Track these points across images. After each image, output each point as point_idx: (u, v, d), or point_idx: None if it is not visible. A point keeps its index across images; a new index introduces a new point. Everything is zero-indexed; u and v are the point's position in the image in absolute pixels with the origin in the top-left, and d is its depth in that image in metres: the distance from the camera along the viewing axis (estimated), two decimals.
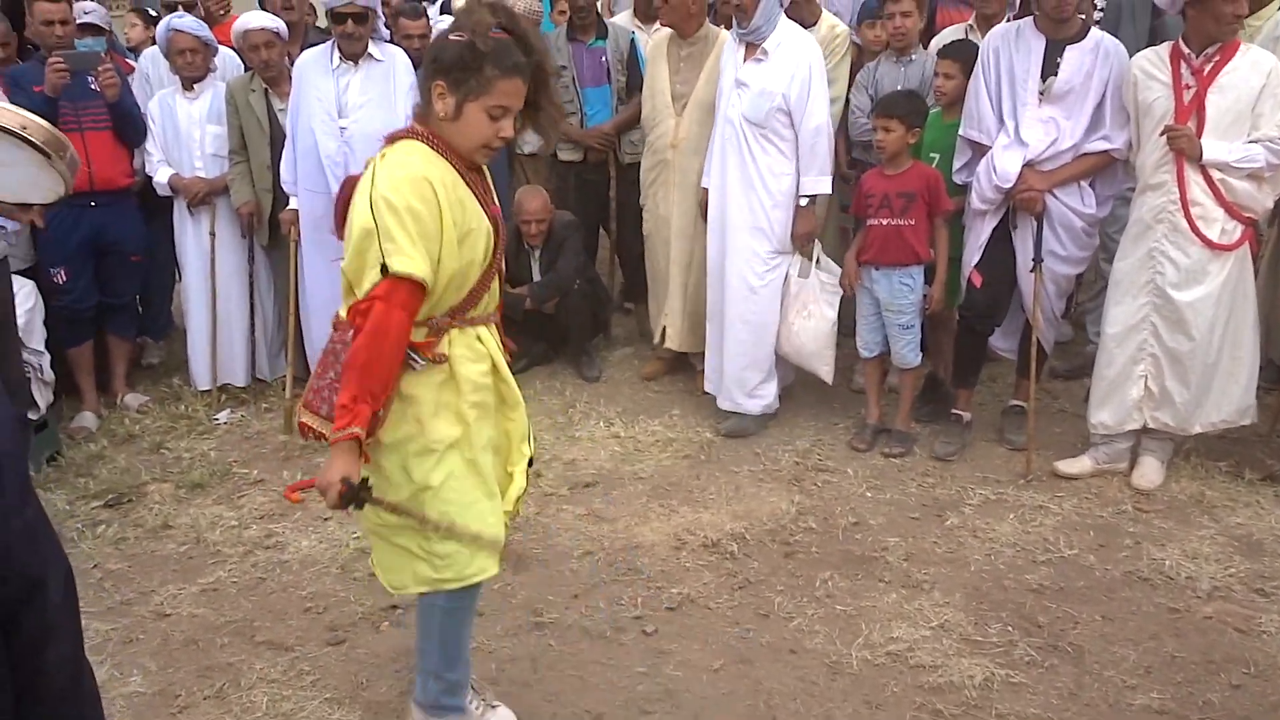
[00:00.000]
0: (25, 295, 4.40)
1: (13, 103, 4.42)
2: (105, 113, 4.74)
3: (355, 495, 2.19)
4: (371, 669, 3.04)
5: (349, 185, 2.46)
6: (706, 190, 4.59)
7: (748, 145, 4.30)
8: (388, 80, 4.55)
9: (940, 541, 3.64)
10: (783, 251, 4.43)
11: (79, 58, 4.56)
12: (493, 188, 2.45)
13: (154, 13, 5.74)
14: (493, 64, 2.17)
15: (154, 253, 5.19)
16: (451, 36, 2.22)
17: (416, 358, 2.30)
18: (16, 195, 3.39)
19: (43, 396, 4.52)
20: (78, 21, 4.87)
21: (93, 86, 4.67)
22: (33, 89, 4.48)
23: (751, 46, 4.30)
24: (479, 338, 2.41)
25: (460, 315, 2.37)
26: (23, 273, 4.51)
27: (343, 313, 2.35)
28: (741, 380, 4.50)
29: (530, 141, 5.38)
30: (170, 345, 5.77)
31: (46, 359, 4.60)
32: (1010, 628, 3.15)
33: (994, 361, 4.76)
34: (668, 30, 4.88)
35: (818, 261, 4.45)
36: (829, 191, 4.47)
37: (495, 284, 2.45)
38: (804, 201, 4.35)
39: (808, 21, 4.84)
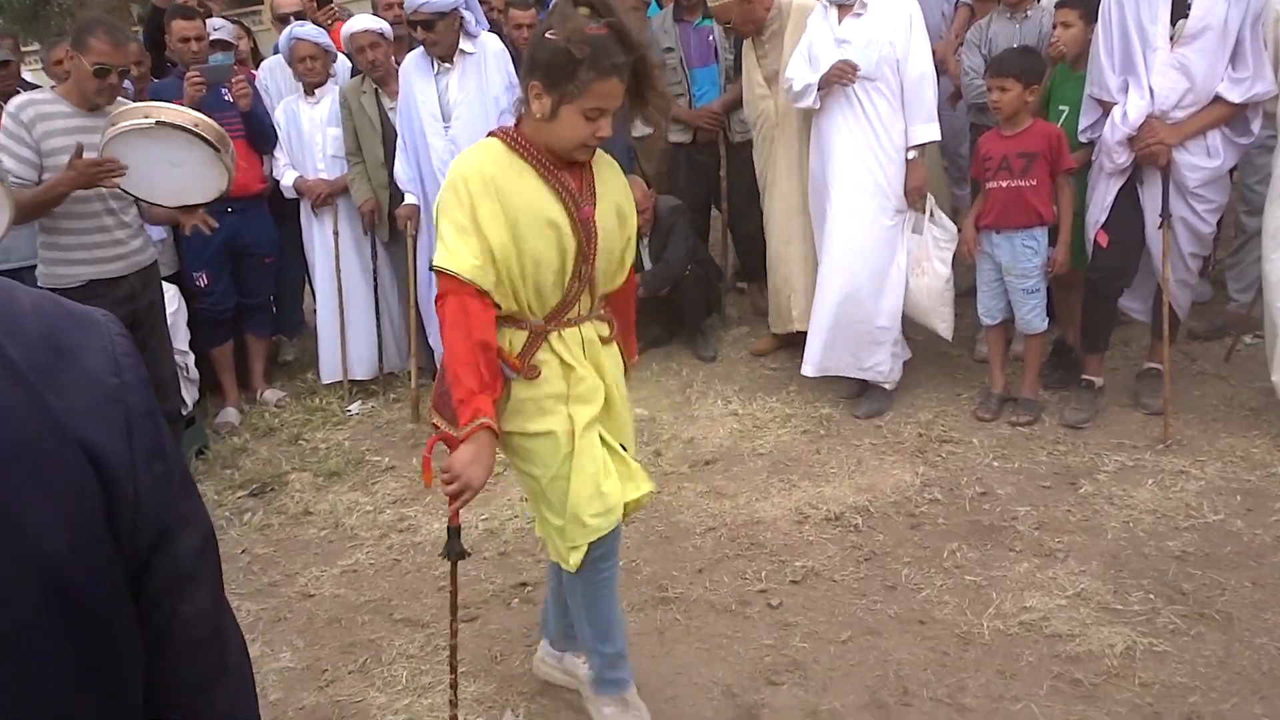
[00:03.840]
0: (170, 299, 4.66)
1: None
2: (239, 122, 4.96)
3: (455, 547, 2.27)
4: (504, 643, 3.12)
5: None
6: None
7: (859, 101, 4.18)
8: (480, 73, 4.63)
9: (1074, 510, 3.52)
10: (900, 209, 4.30)
11: (213, 71, 4.81)
12: (605, 185, 2.37)
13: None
14: (588, 67, 2.10)
15: (284, 254, 5.44)
16: (548, 35, 2.16)
17: (507, 369, 2.30)
18: (180, 197, 3.61)
19: (189, 394, 4.79)
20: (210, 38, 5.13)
21: (226, 98, 4.91)
22: (173, 103, 4.74)
23: (844, 8, 4.21)
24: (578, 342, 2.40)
25: (557, 319, 2.35)
26: (167, 278, 4.78)
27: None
28: (877, 344, 4.35)
29: (638, 127, 5.41)
30: (303, 342, 6.04)
31: (191, 358, 4.88)
32: (1152, 595, 3.03)
33: (1127, 324, 4.57)
34: None
35: (931, 215, 4.31)
36: (938, 138, 4.30)
37: (591, 287, 2.39)
38: (912, 154, 4.22)
39: None
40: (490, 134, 2.33)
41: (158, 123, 3.41)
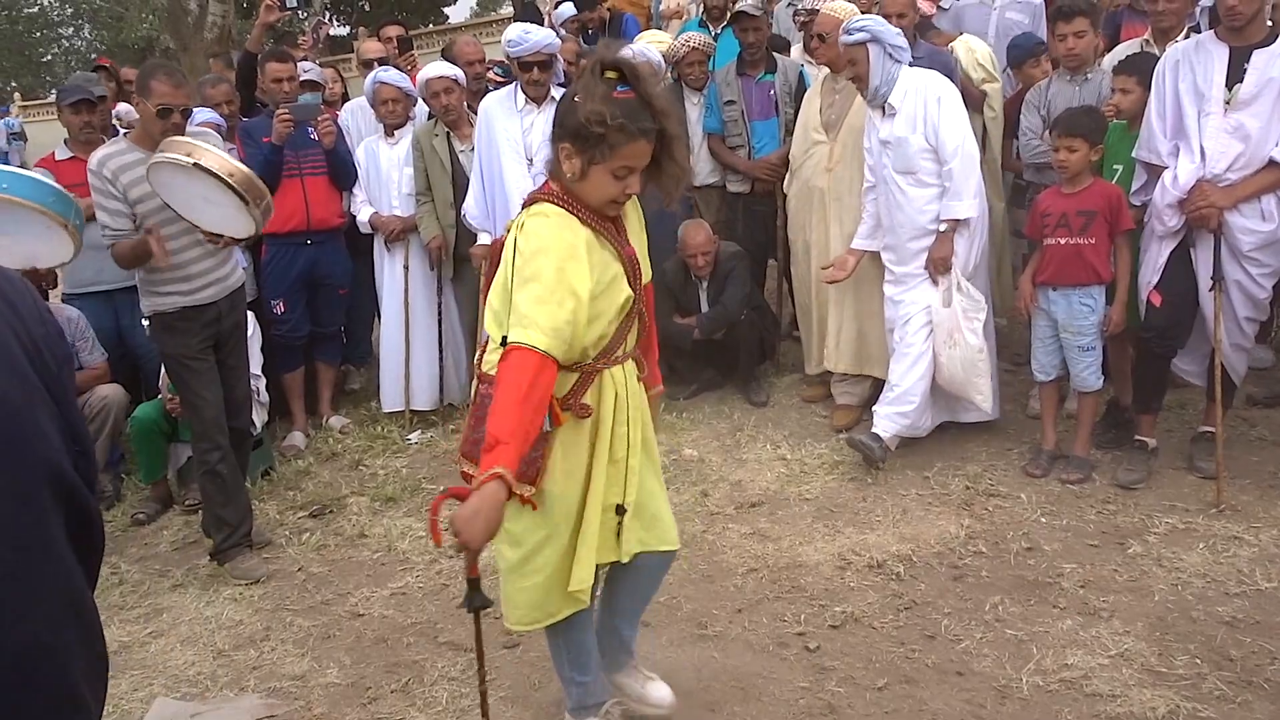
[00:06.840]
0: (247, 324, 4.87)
1: (245, 152, 4.97)
2: (323, 160, 5.22)
3: (476, 599, 2.13)
4: (543, 672, 3.18)
5: (497, 249, 2.52)
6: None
7: (903, 193, 4.37)
8: None
9: (1121, 569, 3.49)
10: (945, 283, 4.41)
11: (302, 109, 5.06)
12: (631, 227, 2.47)
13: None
14: (617, 130, 2.18)
15: (357, 287, 5.64)
16: (576, 99, 2.23)
17: (547, 422, 2.26)
18: (218, 227, 3.81)
19: (259, 416, 4.96)
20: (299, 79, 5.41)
21: (312, 136, 5.16)
22: (262, 139, 5.01)
23: (880, 109, 4.39)
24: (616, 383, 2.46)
25: (609, 356, 2.43)
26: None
27: (485, 362, 2.44)
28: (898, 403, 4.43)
29: (702, 172, 5.56)
30: (370, 372, 6.23)
31: (263, 382, 5.07)
32: (1199, 660, 2.99)
33: (1184, 387, 4.52)
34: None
35: (959, 286, 4.33)
36: (971, 215, 4.31)
37: (638, 321, 2.49)
38: (943, 227, 4.31)
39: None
40: (533, 199, 2.37)
41: (194, 165, 3.58)
